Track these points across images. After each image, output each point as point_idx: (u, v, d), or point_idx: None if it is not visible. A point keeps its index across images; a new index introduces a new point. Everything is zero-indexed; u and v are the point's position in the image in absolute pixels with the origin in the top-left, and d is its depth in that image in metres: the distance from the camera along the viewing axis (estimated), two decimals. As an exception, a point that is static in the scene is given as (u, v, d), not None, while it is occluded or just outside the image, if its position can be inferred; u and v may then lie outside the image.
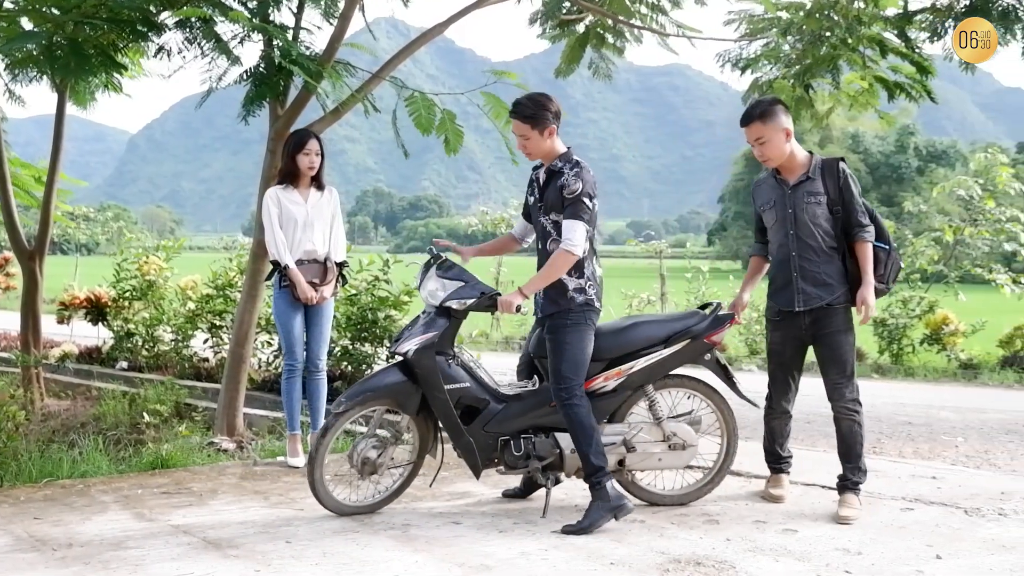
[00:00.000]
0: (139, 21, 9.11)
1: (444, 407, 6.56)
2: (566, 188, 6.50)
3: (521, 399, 6.77)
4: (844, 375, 7.06)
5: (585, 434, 6.46)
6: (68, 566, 5.55)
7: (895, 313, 18.02)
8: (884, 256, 6.90)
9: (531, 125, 6.60)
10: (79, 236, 39.88)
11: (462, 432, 6.60)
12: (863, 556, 5.85)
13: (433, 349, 6.54)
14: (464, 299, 6.59)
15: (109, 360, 13.83)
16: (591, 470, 6.47)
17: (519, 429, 6.70)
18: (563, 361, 6.52)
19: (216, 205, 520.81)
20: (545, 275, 6.49)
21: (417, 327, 6.64)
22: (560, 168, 6.61)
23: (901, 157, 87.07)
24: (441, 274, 6.72)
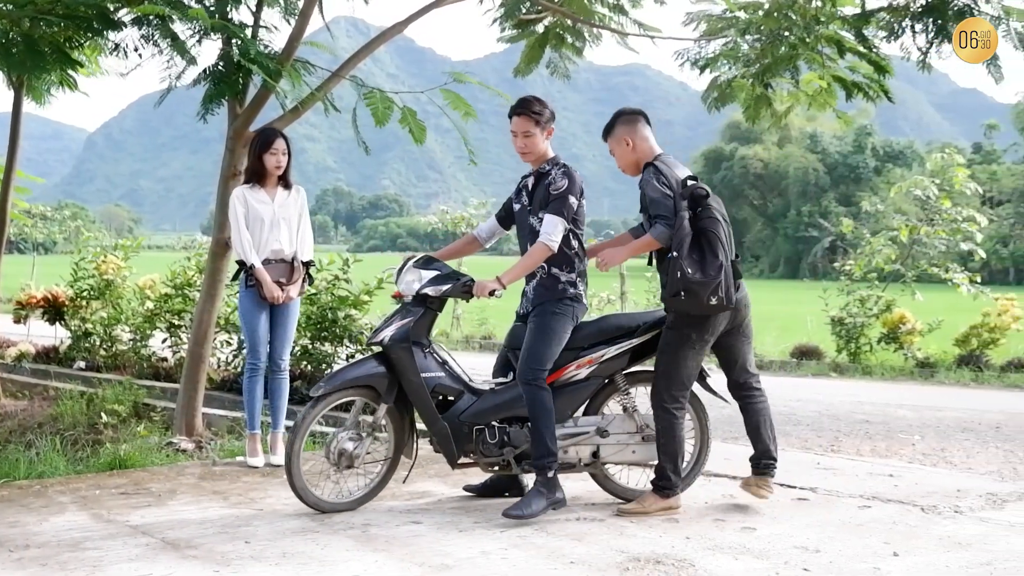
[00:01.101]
0: (95, 18, 9.04)
1: (420, 392, 6.68)
2: (552, 185, 6.75)
3: (496, 391, 6.88)
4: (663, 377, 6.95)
5: (546, 417, 6.58)
6: (25, 567, 5.51)
7: (853, 312, 18.16)
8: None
9: (536, 123, 6.83)
10: (36, 235, 39.46)
11: (437, 418, 6.69)
12: (821, 554, 5.89)
13: (408, 337, 6.66)
14: (439, 286, 6.73)
15: (67, 360, 13.73)
16: (543, 452, 6.58)
17: (494, 419, 6.78)
18: (539, 343, 6.67)
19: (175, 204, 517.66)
20: (523, 265, 6.72)
21: (393, 318, 6.78)
22: (548, 170, 6.85)
23: (859, 157, 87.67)
24: (418, 266, 6.87)
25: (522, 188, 7.05)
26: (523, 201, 6.99)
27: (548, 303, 6.76)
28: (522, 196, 7.01)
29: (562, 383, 6.86)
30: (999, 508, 7.15)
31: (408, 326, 6.68)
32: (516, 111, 6.87)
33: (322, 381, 6.70)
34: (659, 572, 5.53)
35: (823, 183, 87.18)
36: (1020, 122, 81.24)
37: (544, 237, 6.67)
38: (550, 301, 6.76)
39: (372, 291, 11.07)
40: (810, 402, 13.30)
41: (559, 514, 6.76)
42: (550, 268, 6.80)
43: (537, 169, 6.92)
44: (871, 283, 18.72)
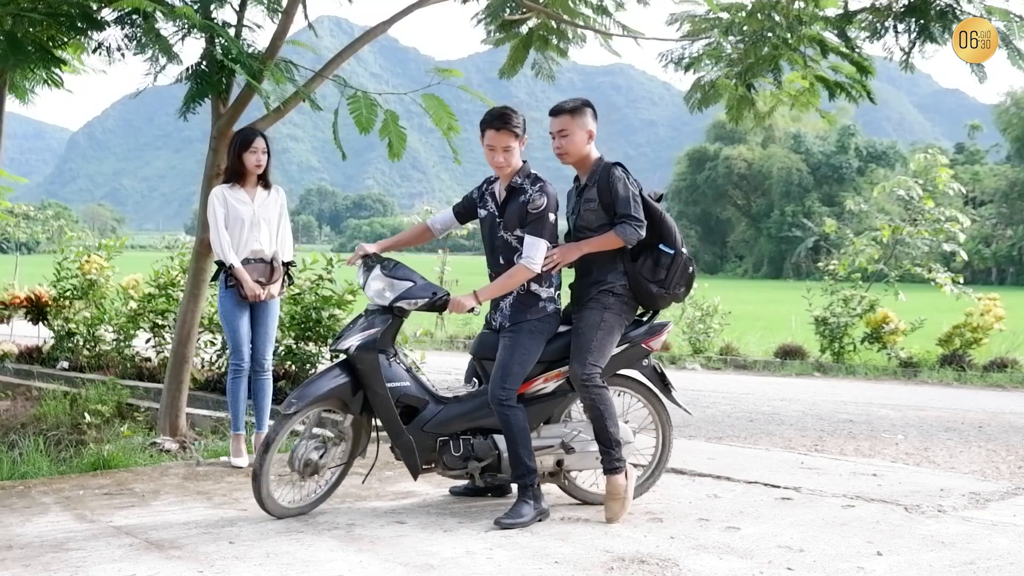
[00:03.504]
0: (78, 16, 9.02)
1: (385, 404, 6.51)
2: (530, 204, 6.53)
3: (461, 401, 6.75)
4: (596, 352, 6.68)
5: (522, 436, 6.48)
6: (8, 568, 5.49)
7: (836, 312, 18.23)
8: (667, 260, 6.79)
9: (516, 136, 6.62)
10: (19, 235, 39.34)
11: (402, 431, 6.55)
12: (805, 553, 5.90)
13: (375, 346, 6.49)
14: (415, 299, 6.53)
15: (50, 360, 13.69)
16: (522, 471, 6.51)
17: (458, 430, 6.68)
18: (513, 362, 6.54)
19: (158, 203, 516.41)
20: (502, 285, 6.56)
21: (358, 325, 6.59)
22: (521, 185, 6.63)
23: (842, 157, 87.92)
24: (388, 273, 6.60)
25: (487, 193, 6.87)
26: (489, 208, 6.80)
27: (526, 321, 6.63)
28: (487, 202, 6.83)
29: (530, 396, 6.73)
30: (982, 507, 7.17)
31: (375, 336, 6.50)
32: (495, 125, 6.59)
33: (292, 396, 6.43)
34: (644, 572, 5.53)
35: (806, 183, 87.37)
36: (1002, 123, 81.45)
37: (527, 261, 6.49)
38: (528, 320, 6.63)
39: (356, 291, 11.05)
40: (794, 401, 13.34)
41: (543, 514, 6.76)
42: (529, 285, 6.63)
43: (510, 183, 6.68)
44: (855, 283, 18.80)
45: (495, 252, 6.75)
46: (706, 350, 19.65)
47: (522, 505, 6.45)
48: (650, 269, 6.77)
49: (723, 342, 19.86)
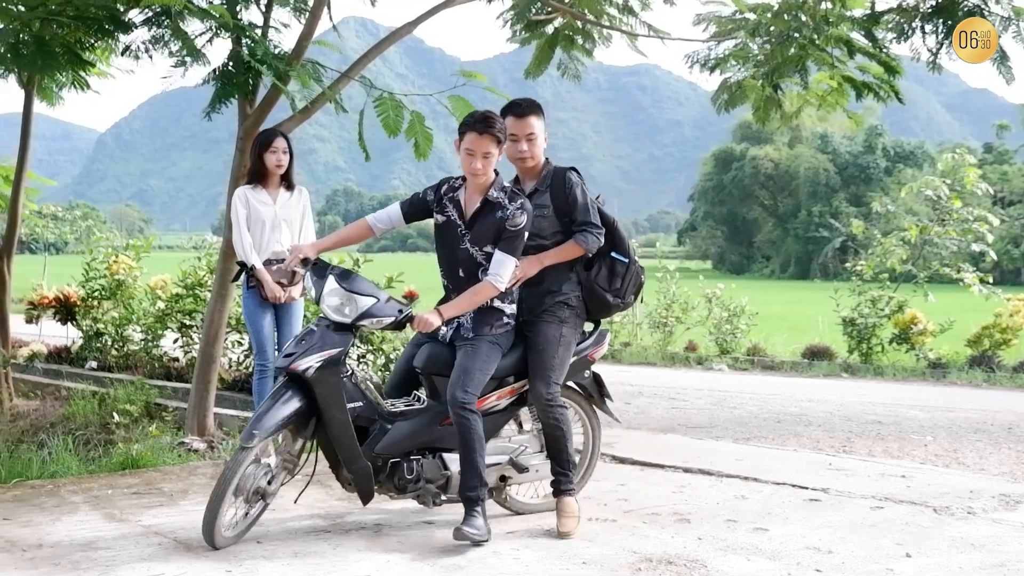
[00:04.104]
0: (106, 19, 9.07)
1: (344, 429, 5.95)
2: (509, 221, 6.12)
3: (409, 417, 6.26)
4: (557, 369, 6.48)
5: (480, 444, 6.07)
6: (38, 567, 5.52)
7: (864, 313, 18.15)
8: (622, 269, 6.69)
9: (498, 143, 6.16)
10: (47, 235, 39.62)
11: (359, 455, 6.02)
12: (833, 555, 5.88)
13: (338, 367, 5.93)
14: (379, 318, 6.00)
15: (78, 360, 13.75)
16: (475, 482, 6.08)
17: (408, 450, 6.22)
18: (476, 368, 6.15)
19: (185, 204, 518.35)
20: (468, 302, 6.15)
21: (313, 341, 5.92)
22: (499, 200, 6.19)
23: (869, 157, 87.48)
24: (346, 286, 6.02)
25: (447, 199, 6.36)
26: (450, 216, 6.32)
27: (488, 334, 6.25)
28: (447, 209, 6.33)
29: (483, 413, 6.27)
30: (1012, 509, 7.13)
31: (338, 357, 5.90)
32: (477, 129, 6.07)
33: (251, 427, 5.71)
34: (671, 573, 5.52)
35: (834, 183, 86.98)
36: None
37: (495, 279, 6.10)
38: (491, 333, 6.26)
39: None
40: (821, 403, 13.29)
41: (570, 514, 6.76)
42: (493, 300, 6.25)
43: (485, 196, 6.21)
44: (882, 283, 18.71)
45: (456, 265, 6.33)
46: (733, 351, 19.60)
47: (476, 517, 6.02)
48: (605, 278, 6.65)
49: (750, 343, 19.80)
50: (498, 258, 6.15)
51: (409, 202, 6.48)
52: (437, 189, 6.44)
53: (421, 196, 6.44)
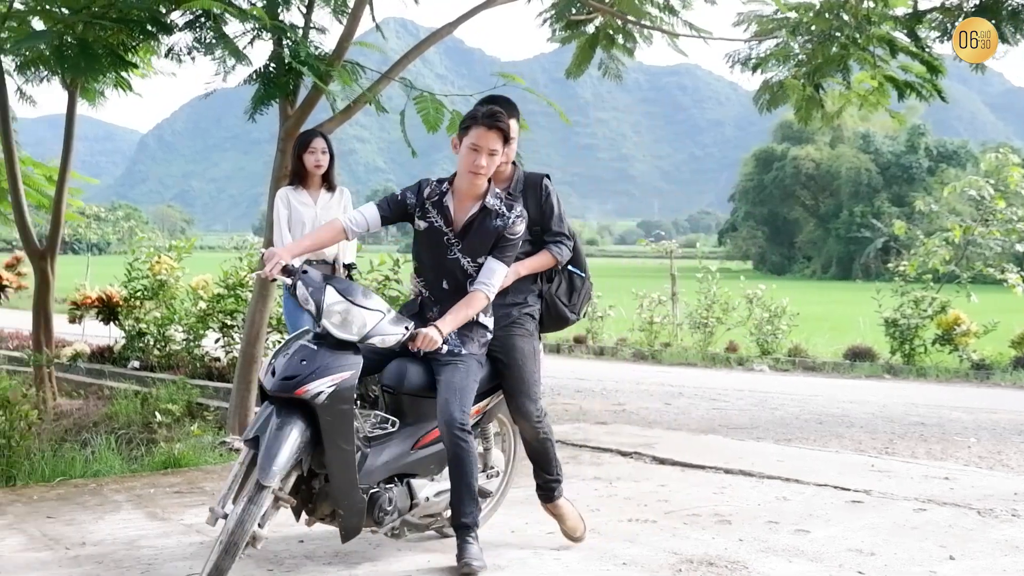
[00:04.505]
0: (148, 21, 9.13)
1: (346, 461, 5.18)
2: (508, 229, 5.60)
3: (383, 442, 5.54)
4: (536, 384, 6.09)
5: (476, 467, 5.62)
6: (81, 565, 5.56)
7: (907, 313, 18.04)
8: (580, 283, 6.38)
9: (506, 141, 5.63)
10: (90, 236, 39.88)
11: (356, 488, 5.27)
12: (876, 557, 5.84)
13: (350, 393, 5.14)
14: (388, 336, 5.25)
15: (121, 359, 13.85)
16: (472, 508, 5.61)
17: (384, 477, 5.53)
18: (469, 386, 5.63)
19: (226, 205, 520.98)
20: (463, 315, 5.57)
21: (319, 362, 5.09)
22: (497, 209, 5.64)
23: (912, 157, 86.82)
24: (351, 299, 5.24)
25: (431, 203, 5.69)
26: (435, 222, 5.65)
27: (476, 351, 5.71)
28: (430, 214, 5.66)
29: None
30: (1057, 512, 7.07)
31: (350, 381, 5.13)
32: (486, 123, 5.51)
33: (265, 466, 4.86)
34: (712, 574, 5.51)
35: (875, 183, 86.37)
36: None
37: (486, 288, 5.59)
38: (476, 350, 5.71)
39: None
40: (863, 404, 13.21)
41: (611, 515, 6.75)
42: (479, 315, 5.71)
43: (482, 203, 5.64)
44: (925, 284, 18.58)
45: (441, 275, 5.71)
46: (774, 351, 19.52)
47: (473, 545, 5.56)
48: (566, 292, 6.33)
49: (791, 343, 19.72)
50: (491, 266, 5.66)
51: (387, 203, 5.79)
52: (417, 192, 5.77)
53: (400, 199, 5.75)
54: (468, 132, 5.54)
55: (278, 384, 5.06)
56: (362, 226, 5.70)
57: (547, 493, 6.13)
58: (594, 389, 14.70)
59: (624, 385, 15.24)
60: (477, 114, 5.59)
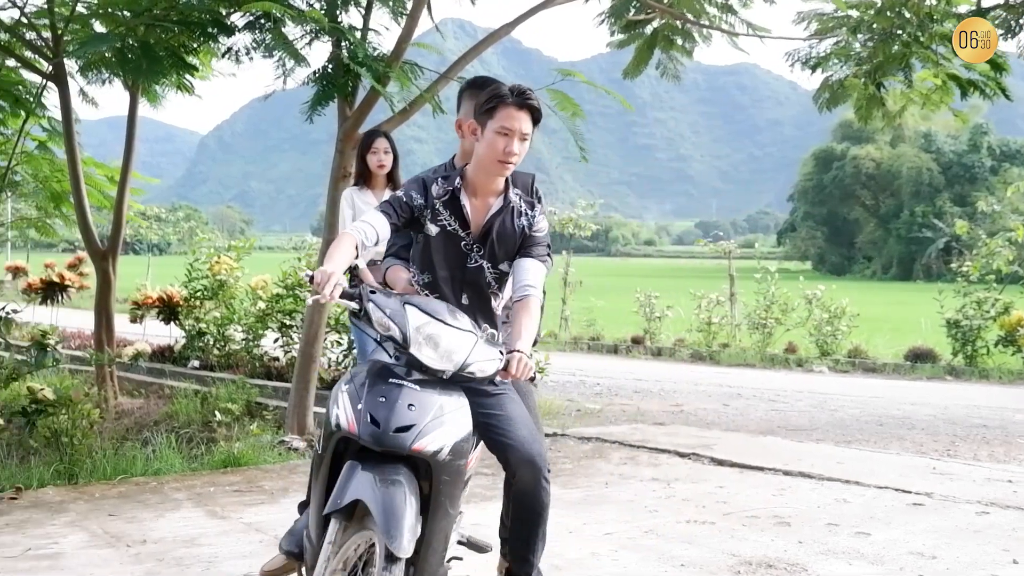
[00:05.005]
0: (209, 23, 9.21)
1: (449, 526, 4.33)
2: (534, 226, 4.73)
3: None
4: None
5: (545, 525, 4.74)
6: (142, 562, 5.61)
7: (969, 314, 17.84)
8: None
9: (535, 124, 4.70)
10: (151, 236, 40.27)
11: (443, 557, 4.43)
12: (937, 560, 5.78)
13: (468, 445, 4.21)
14: (485, 362, 4.22)
15: (181, 359, 13.97)
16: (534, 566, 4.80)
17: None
18: (539, 425, 4.90)
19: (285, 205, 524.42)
20: (533, 329, 4.56)
21: (429, 409, 4.05)
22: (519, 206, 4.76)
23: (974, 156, 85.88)
24: (442, 319, 4.24)
25: (443, 204, 4.71)
26: (448, 225, 4.67)
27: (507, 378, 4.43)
28: (441, 216, 4.66)
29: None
30: (1123, 516, 6.96)
31: (469, 428, 4.21)
32: (516, 102, 4.58)
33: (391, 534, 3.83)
34: (771, 576, 5.48)
35: (937, 183, 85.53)
36: None
37: (534, 290, 4.62)
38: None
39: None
40: (925, 406, 13.08)
41: (669, 517, 6.73)
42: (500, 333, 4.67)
43: (504, 199, 4.73)
44: (988, 285, 18.37)
45: (460, 287, 4.71)
46: (834, 352, 19.38)
47: None
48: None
49: (851, 344, 19.56)
50: (527, 266, 4.70)
51: (394, 209, 4.65)
52: (424, 191, 4.76)
53: (405, 201, 4.67)
54: (494, 114, 4.60)
55: (390, 439, 3.94)
56: (373, 239, 4.55)
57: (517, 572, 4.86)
58: (652, 390, 14.66)
59: (682, 386, 15.19)
60: (502, 92, 4.64)
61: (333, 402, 4.18)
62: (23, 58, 11.51)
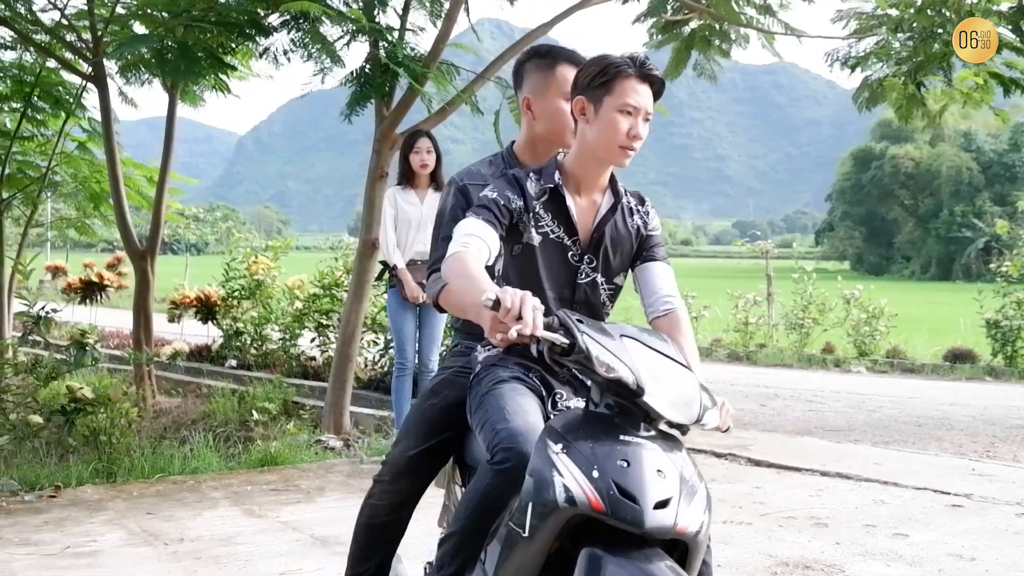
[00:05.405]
0: (247, 23, 9.25)
1: None
2: (649, 225, 3.88)
3: None
4: None
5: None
6: (180, 560, 5.64)
7: (1009, 315, 17.68)
8: None
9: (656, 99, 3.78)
10: (189, 236, 40.55)
11: None
12: (976, 562, 5.73)
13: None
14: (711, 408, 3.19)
15: (218, 358, 14.02)
16: None
17: None
18: None
19: (321, 205, 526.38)
20: (697, 353, 3.70)
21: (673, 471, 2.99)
22: (627, 202, 3.88)
23: (1015, 155, 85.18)
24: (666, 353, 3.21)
25: (544, 207, 3.72)
26: (551, 232, 3.72)
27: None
28: (544, 221, 3.71)
29: None
30: None
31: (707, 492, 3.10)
32: (638, 72, 3.63)
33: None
34: (808, 578, 5.45)
35: (977, 182, 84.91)
36: None
37: (677, 300, 3.80)
38: None
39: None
40: (964, 406, 12.98)
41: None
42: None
43: (616, 196, 3.84)
44: (1028, 285, 18.22)
45: (568, 307, 3.56)
46: (872, 352, 19.25)
47: None
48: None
49: (889, 345, 19.43)
50: (658, 271, 3.86)
51: (493, 214, 3.62)
52: (519, 188, 3.74)
53: (504, 204, 3.66)
54: (611, 88, 3.64)
55: (653, 518, 2.86)
56: (487, 257, 3.49)
57: None
58: (688, 390, 14.58)
59: (718, 386, 15.03)
60: (617, 61, 3.65)
61: (545, 466, 2.99)
62: (63, 59, 11.60)
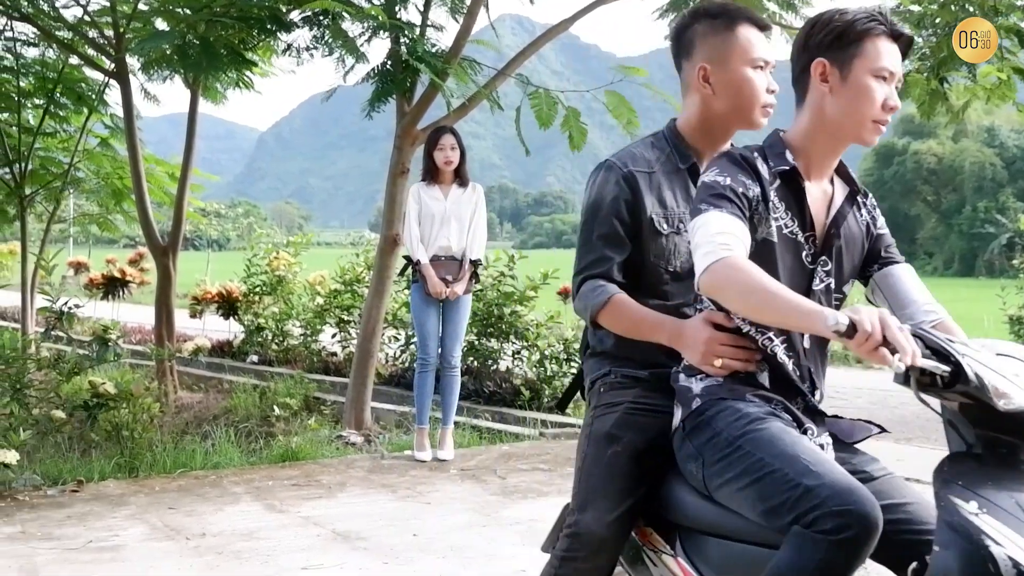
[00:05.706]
0: (268, 19, 9.25)
1: None
2: (878, 222, 3.24)
3: None
4: None
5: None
6: (202, 555, 5.65)
7: (1032, 311, 17.60)
8: None
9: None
10: (211, 232, 40.68)
11: None
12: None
13: None
14: None
15: (240, 354, 14.02)
16: None
17: None
18: None
19: (343, 201, 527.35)
20: None
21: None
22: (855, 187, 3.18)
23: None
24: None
25: (778, 195, 2.99)
26: (785, 227, 3.00)
27: None
28: (778, 211, 2.98)
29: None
30: None
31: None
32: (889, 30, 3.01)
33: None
34: None
35: (1000, 178, 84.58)
36: None
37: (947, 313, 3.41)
38: None
39: (537, 287, 11.13)
40: (986, 403, 12.91)
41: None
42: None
43: (847, 185, 3.17)
44: (1053, 281, 18.12)
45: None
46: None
47: None
48: None
49: (912, 341, 19.32)
50: (909, 276, 3.31)
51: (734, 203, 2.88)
52: (753, 172, 2.99)
53: (742, 191, 2.92)
54: (860, 49, 2.96)
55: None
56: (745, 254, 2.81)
57: None
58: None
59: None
60: (856, 17, 2.95)
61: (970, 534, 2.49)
62: (86, 56, 11.63)
